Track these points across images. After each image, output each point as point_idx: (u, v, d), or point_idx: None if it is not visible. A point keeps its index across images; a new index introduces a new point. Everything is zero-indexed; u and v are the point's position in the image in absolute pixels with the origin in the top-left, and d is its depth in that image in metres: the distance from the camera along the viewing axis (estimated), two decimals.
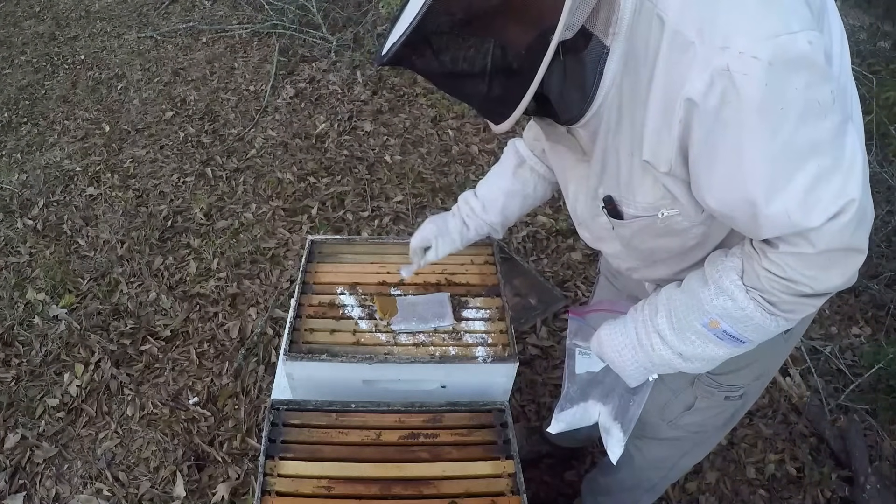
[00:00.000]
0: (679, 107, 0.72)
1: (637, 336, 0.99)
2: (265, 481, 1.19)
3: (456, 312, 1.49)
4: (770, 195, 0.72)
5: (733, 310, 0.85)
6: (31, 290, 2.62)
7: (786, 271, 0.78)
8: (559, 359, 2.31)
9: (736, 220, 0.80)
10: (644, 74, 0.75)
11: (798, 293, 0.80)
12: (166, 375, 2.29)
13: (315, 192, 3.11)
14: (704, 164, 0.75)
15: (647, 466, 1.47)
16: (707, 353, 0.92)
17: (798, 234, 0.74)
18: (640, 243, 0.99)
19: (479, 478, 1.22)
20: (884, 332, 2.39)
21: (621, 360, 1.02)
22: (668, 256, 1.00)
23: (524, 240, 2.79)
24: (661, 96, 0.74)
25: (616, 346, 1.02)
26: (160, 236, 2.88)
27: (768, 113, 0.67)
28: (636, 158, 0.82)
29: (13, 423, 2.16)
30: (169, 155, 3.41)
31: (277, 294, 2.57)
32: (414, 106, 3.70)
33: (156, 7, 4.98)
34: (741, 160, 0.72)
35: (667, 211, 0.86)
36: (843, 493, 1.93)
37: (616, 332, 1.03)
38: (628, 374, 1.03)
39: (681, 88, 0.70)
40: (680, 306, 0.92)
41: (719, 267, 0.87)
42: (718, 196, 0.77)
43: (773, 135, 0.69)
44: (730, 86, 0.67)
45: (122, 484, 1.99)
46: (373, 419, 1.32)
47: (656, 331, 0.95)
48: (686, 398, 1.23)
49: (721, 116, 0.69)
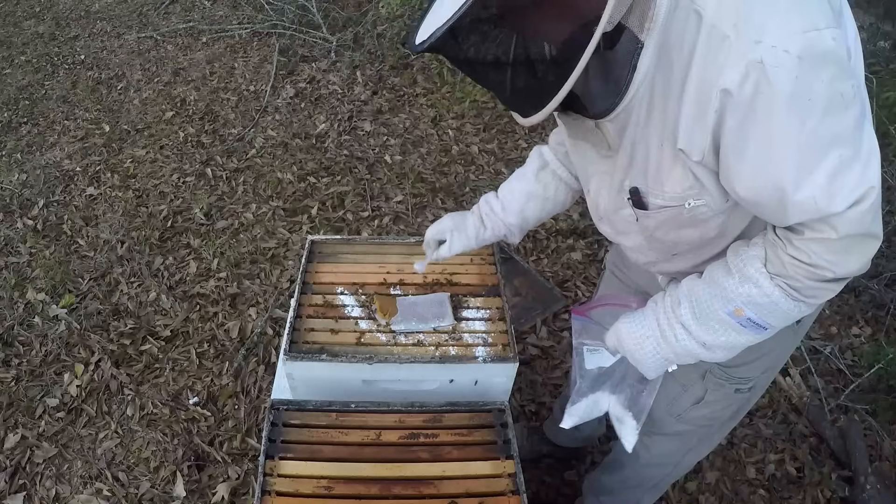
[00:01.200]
0: (715, 97, 0.75)
1: (659, 327, 1.00)
2: (265, 481, 1.19)
3: (456, 312, 1.49)
4: (798, 182, 0.76)
5: (758, 297, 0.88)
6: (31, 290, 2.62)
7: (810, 257, 0.82)
8: (559, 359, 2.31)
9: (763, 208, 0.84)
10: (679, 67, 0.78)
11: (821, 278, 0.84)
12: (166, 375, 2.29)
13: (315, 192, 3.11)
14: (736, 153, 0.78)
15: (652, 463, 1.48)
16: (729, 342, 0.94)
17: (822, 219, 0.78)
18: (664, 235, 1.01)
19: (479, 478, 1.22)
20: (884, 332, 2.39)
21: (642, 352, 1.03)
22: (688, 249, 1.03)
23: (524, 240, 2.79)
24: (697, 87, 0.77)
25: (637, 338, 1.03)
26: (160, 236, 2.88)
27: (797, 104, 0.72)
28: (666, 149, 0.85)
29: (13, 423, 2.16)
30: (169, 155, 3.41)
31: (277, 294, 2.57)
32: (414, 106, 3.70)
33: (156, 7, 4.98)
34: (771, 148, 0.76)
35: (693, 201, 0.89)
36: (843, 493, 1.93)
37: (636, 324, 1.04)
38: (647, 366, 1.04)
39: (717, 80, 0.74)
40: (703, 296, 0.94)
41: (743, 256, 0.90)
42: (748, 184, 0.81)
43: (801, 125, 0.73)
44: (763, 77, 0.71)
45: (122, 484, 1.99)
46: (373, 419, 1.32)
47: (679, 321, 0.97)
48: (696, 391, 1.25)
49: (754, 106, 0.73)
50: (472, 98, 3.58)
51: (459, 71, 0.78)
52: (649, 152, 0.89)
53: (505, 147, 3.34)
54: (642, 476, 1.54)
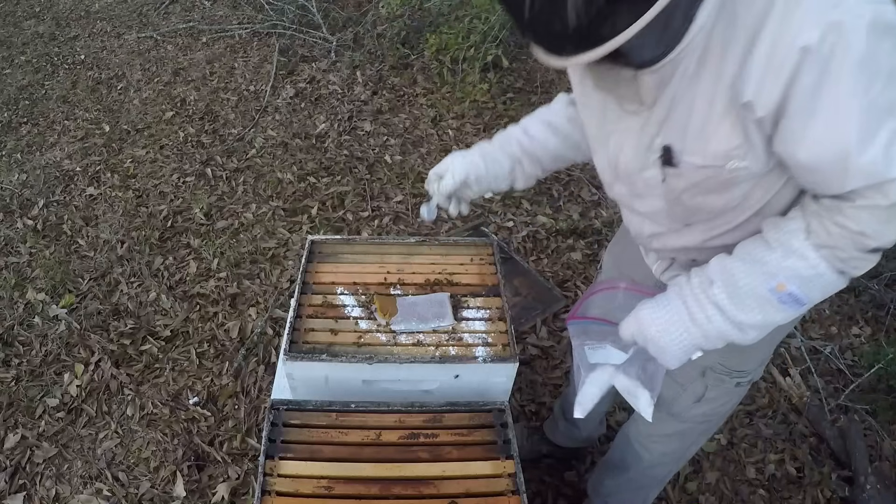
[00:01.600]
0: (793, 53, 0.75)
1: (688, 310, 0.96)
2: (265, 481, 1.19)
3: (456, 312, 1.49)
4: (863, 145, 0.77)
5: (804, 269, 0.88)
6: (31, 290, 2.62)
7: (859, 224, 0.82)
8: (559, 359, 2.31)
9: (821, 174, 0.83)
10: (746, 21, 0.77)
11: (865, 247, 0.85)
12: (166, 375, 2.29)
13: (315, 192, 3.11)
14: (806, 112, 0.78)
15: (657, 463, 1.49)
16: (766, 320, 0.93)
17: (876, 186, 0.79)
18: (689, 199, 0.97)
19: (479, 478, 1.22)
20: (884, 332, 2.39)
21: (668, 338, 0.98)
22: (705, 219, 1.01)
23: (524, 240, 2.79)
24: (772, 42, 0.77)
25: (662, 323, 0.98)
26: (160, 236, 2.88)
27: (866, 68, 0.74)
28: (718, 104, 0.84)
29: (13, 423, 2.16)
30: (169, 155, 3.41)
31: (277, 294, 2.57)
32: (414, 106, 3.70)
33: (156, 7, 4.98)
34: (839, 110, 0.76)
35: (737, 162, 0.87)
36: (843, 493, 1.93)
37: (660, 309, 0.99)
38: (672, 354, 0.99)
39: (796, 37, 0.74)
40: (739, 274, 0.92)
41: (784, 230, 0.89)
42: (813, 146, 0.80)
43: (867, 89, 0.74)
44: (840, 39, 0.72)
45: (122, 484, 1.99)
46: (373, 419, 1.32)
47: (712, 301, 0.94)
48: (696, 389, 1.24)
49: (829, 67, 0.74)
50: (472, 98, 3.58)
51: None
52: (693, 107, 0.86)
53: None
54: (648, 476, 1.55)
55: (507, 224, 2.88)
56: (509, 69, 3.76)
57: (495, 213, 2.93)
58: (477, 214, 2.92)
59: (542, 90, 3.71)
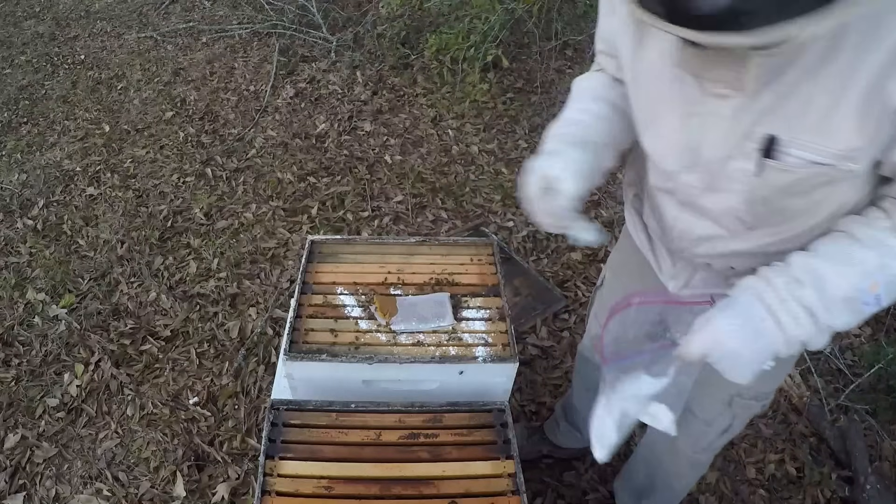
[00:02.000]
0: None
1: (773, 315, 0.86)
2: (265, 481, 1.19)
3: (456, 312, 1.49)
4: None
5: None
6: (31, 290, 2.62)
7: None
8: (559, 359, 2.31)
9: None
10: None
11: None
12: (166, 375, 2.29)
13: (315, 192, 3.11)
14: None
15: (682, 474, 1.57)
16: (844, 323, 0.88)
17: None
18: (777, 199, 0.90)
19: (479, 478, 1.22)
20: (884, 332, 2.39)
21: (749, 351, 0.87)
22: (776, 222, 0.94)
23: (524, 240, 2.79)
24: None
25: (745, 333, 0.86)
26: (160, 236, 2.88)
27: None
28: (852, 97, 0.78)
29: (13, 423, 2.16)
30: (169, 155, 3.41)
31: (277, 294, 2.57)
32: (414, 106, 3.70)
33: (156, 7, 4.98)
34: None
35: (851, 164, 0.82)
36: (843, 493, 1.93)
37: (738, 318, 0.87)
38: (743, 366, 0.88)
39: None
40: (829, 274, 0.85)
41: (877, 228, 0.86)
42: None
43: None
44: None
45: (122, 484, 1.99)
46: (373, 419, 1.32)
47: (802, 304, 0.85)
48: (722, 423, 1.23)
49: None
50: (472, 98, 3.58)
51: None
52: (812, 102, 0.79)
53: (505, 147, 3.34)
54: (678, 487, 1.63)
55: (507, 224, 2.88)
56: (509, 69, 3.76)
57: (495, 213, 2.93)
58: (477, 214, 2.93)
59: (542, 90, 3.71)
